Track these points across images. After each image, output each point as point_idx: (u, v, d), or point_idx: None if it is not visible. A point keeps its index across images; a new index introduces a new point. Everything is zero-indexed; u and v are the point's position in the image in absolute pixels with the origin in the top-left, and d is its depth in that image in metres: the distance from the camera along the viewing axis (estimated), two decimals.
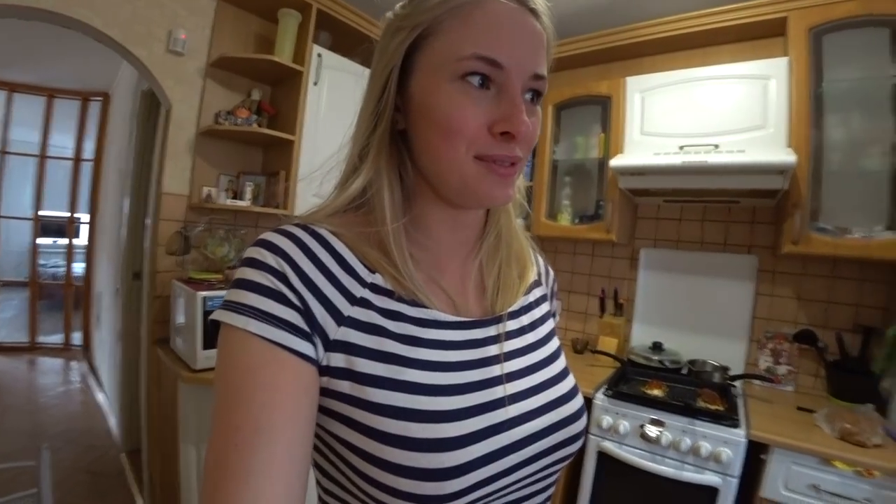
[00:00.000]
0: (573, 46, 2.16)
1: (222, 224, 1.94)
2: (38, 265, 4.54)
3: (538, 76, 0.40)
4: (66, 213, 4.56)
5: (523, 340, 0.49)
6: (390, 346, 0.40)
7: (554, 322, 0.57)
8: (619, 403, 1.56)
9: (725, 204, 1.93)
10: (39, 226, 4.53)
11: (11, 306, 4.65)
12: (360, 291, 0.41)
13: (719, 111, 1.71)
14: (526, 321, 0.51)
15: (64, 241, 4.66)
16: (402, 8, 0.42)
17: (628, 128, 1.92)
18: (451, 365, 0.42)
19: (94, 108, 4.21)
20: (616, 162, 1.79)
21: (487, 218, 0.51)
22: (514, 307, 0.50)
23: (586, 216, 2.11)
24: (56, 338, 4.41)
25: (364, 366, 0.38)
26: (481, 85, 0.39)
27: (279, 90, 2.09)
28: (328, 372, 0.38)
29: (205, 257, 1.87)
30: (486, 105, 0.39)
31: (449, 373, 0.41)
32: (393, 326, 0.41)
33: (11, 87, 4.05)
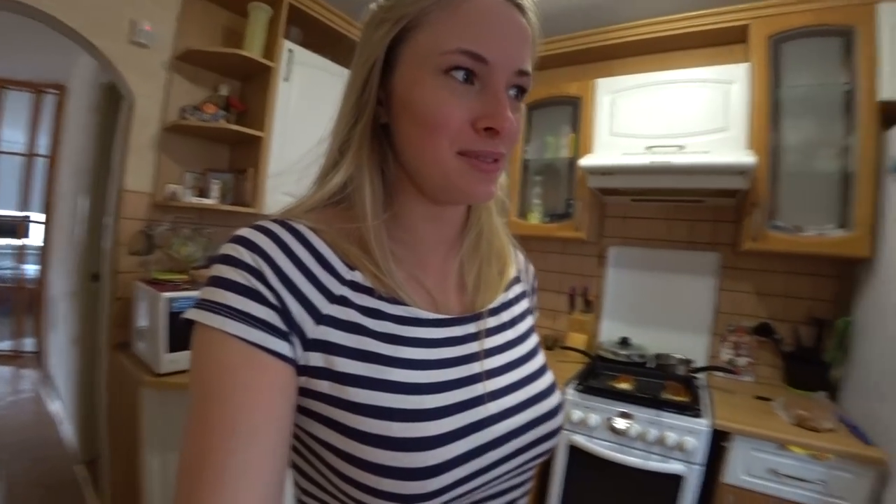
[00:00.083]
0: (545, 48, 2.17)
1: (188, 223, 1.88)
2: None
3: (523, 72, 0.40)
4: (17, 212, 4.29)
5: (503, 337, 0.49)
6: (371, 344, 0.39)
7: (533, 318, 0.57)
8: (589, 398, 1.60)
9: (691, 203, 1.99)
10: None
11: None
12: (338, 289, 0.40)
13: (685, 114, 1.78)
14: (506, 318, 0.51)
15: (15, 241, 4.39)
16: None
17: (598, 128, 1.96)
18: (432, 363, 0.42)
19: (48, 100, 3.98)
20: (585, 162, 1.83)
21: (469, 215, 0.51)
22: (494, 304, 0.50)
23: (556, 215, 2.14)
24: (4, 345, 4.15)
25: (344, 365, 0.38)
26: (465, 80, 0.38)
27: (249, 86, 2.04)
28: (306, 371, 0.37)
29: (169, 257, 1.81)
30: (470, 100, 0.38)
31: (429, 371, 0.41)
32: (373, 325, 0.40)
33: None
